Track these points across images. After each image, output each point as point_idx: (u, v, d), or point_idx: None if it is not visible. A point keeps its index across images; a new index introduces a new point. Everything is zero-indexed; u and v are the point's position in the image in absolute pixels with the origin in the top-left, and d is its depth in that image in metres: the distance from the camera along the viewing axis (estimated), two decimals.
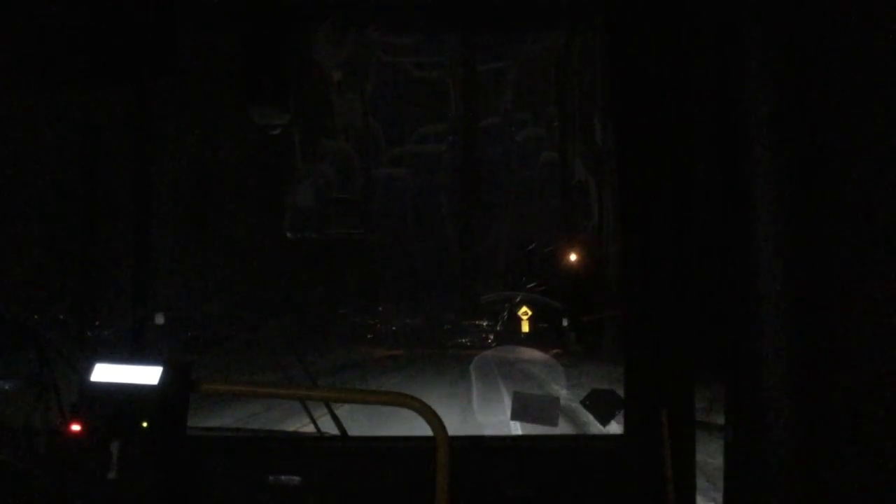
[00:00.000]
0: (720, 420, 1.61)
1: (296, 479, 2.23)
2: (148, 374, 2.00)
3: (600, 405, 2.45)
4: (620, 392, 2.37)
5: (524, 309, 31.88)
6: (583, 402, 2.50)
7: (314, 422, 2.57)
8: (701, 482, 2.24)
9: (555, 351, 27.96)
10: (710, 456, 3.01)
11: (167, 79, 2.57)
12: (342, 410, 2.53)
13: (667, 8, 2.09)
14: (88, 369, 2.03)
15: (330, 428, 2.55)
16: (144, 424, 1.94)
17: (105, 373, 2.02)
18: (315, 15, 2.71)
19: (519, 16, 2.68)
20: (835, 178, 1.28)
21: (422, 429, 2.10)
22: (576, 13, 2.65)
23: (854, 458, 1.24)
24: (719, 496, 1.49)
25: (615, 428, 2.47)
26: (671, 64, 2.11)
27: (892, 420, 1.21)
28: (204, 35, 2.85)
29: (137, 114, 2.70)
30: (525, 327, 32.72)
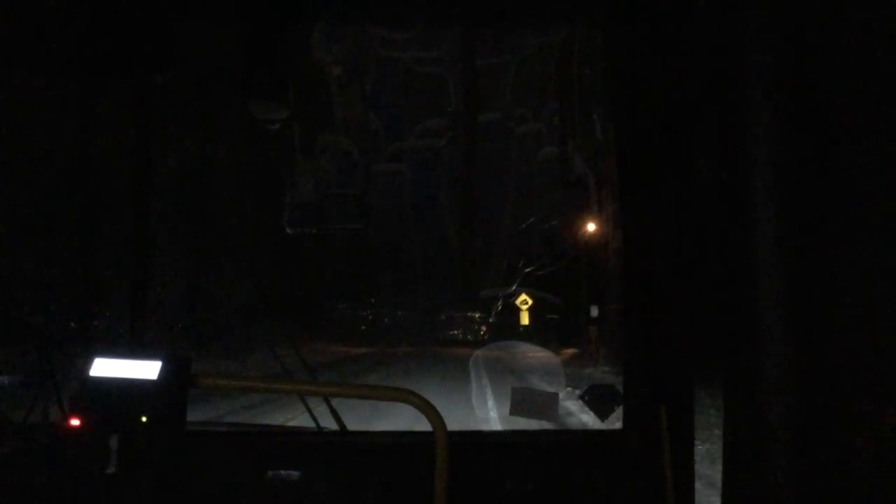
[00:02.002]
0: None
1: (295, 473, 2.23)
2: (147, 369, 2.00)
3: (599, 400, 2.46)
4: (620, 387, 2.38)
5: (523, 297, 25.75)
6: (582, 397, 2.50)
7: (313, 416, 2.58)
8: None
9: (570, 351, 23.72)
10: None
11: (166, 74, 2.57)
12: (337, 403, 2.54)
13: (667, 3, 2.09)
14: (87, 364, 2.03)
15: (329, 423, 2.56)
16: (144, 419, 1.94)
17: (104, 367, 2.02)
18: (314, 9, 2.70)
19: (519, 11, 2.68)
20: (836, 177, 1.28)
21: (420, 424, 2.11)
22: (576, 8, 2.64)
23: (854, 459, 1.24)
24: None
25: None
26: (671, 60, 2.11)
27: (893, 421, 1.21)
28: (203, 30, 2.84)
29: (136, 110, 2.69)
30: (525, 319, 27.04)
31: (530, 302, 26.20)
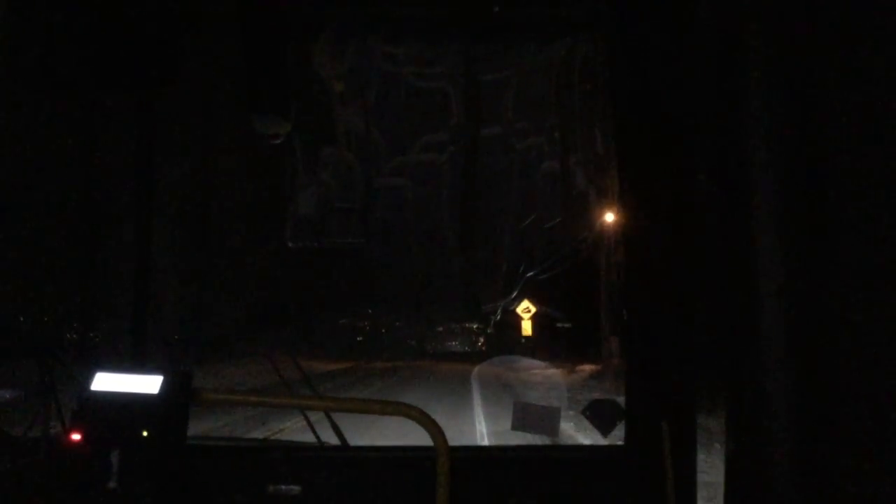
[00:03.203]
0: None
1: (296, 488, 2.22)
2: (148, 384, 2.00)
3: (601, 416, 2.45)
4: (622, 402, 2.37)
5: (525, 304, 22.76)
6: (584, 413, 2.49)
7: (314, 431, 2.57)
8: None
9: (587, 368, 19.69)
10: None
11: (169, 88, 2.58)
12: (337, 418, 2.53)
13: (669, 19, 2.10)
14: (89, 378, 2.03)
15: (330, 437, 2.55)
16: (145, 434, 1.94)
17: (105, 382, 2.03)
18: (316, 25, 2.72)
19: (520, 26, 2.69)
20: (836, 182, 1.29)
21: (422, 438, 2.10)
22: (577, 24, 2.66)
23: (855, 463, 1.24)
24: None
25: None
26: (672, 75, 2.12)
27: (894, 423, 1.21)
28: (206, 44, 2.86)
29: (139, 122, 2.70)
30: (527, 329, 23.38)
31: (533, 310, 23.01)
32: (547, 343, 22.64)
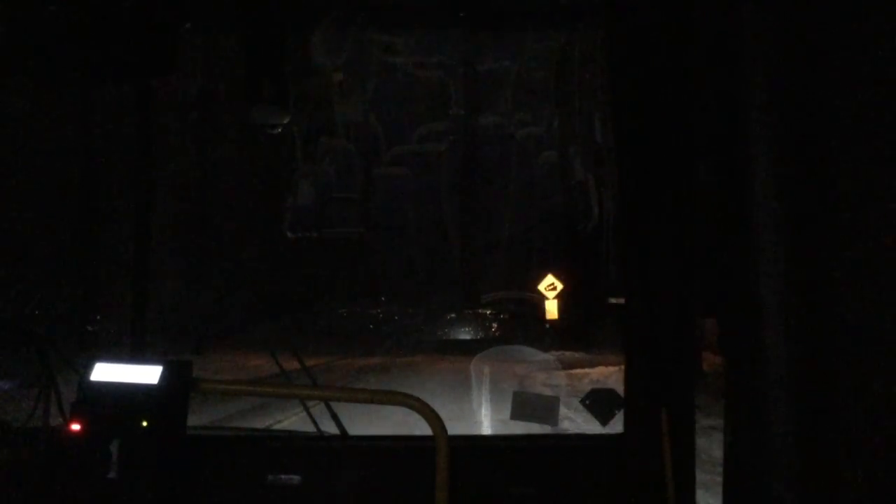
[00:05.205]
0: None
1: (296, 478, 2.23)
2: (148, 374, 2.01)
3: (600, 404, 2.46)
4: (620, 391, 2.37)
5: (550, 281, 18.31)
6: (583, 402, 2.50)
7: (314, 421, 2.58)
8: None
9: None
10: None
11: (167, 79, 2.58)
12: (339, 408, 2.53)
13: (667, 7, 2.09)
14: (89, 368, 2.04)
15: (329, 427, 2.56)
16: (144, 423, 1.94)
17: (105, 372, 2.03)
18: (316, 15, 2.71)
19: (519, 16, 2.68)
20: (835, 176, 1.29)
21: (421, 428, 2.11)
22: (576, 13, 2.65)
23: (854, 458, 1.24)
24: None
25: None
26: (672, 63, 2.11)
27: (893, 420, 1.21)
28: (205, 36, 2.85)
29: (138, 114, 2.70)
30: (552, 311, 18.39)
31: (559, 286, 18.65)
32: (584, 328, 17.92)
